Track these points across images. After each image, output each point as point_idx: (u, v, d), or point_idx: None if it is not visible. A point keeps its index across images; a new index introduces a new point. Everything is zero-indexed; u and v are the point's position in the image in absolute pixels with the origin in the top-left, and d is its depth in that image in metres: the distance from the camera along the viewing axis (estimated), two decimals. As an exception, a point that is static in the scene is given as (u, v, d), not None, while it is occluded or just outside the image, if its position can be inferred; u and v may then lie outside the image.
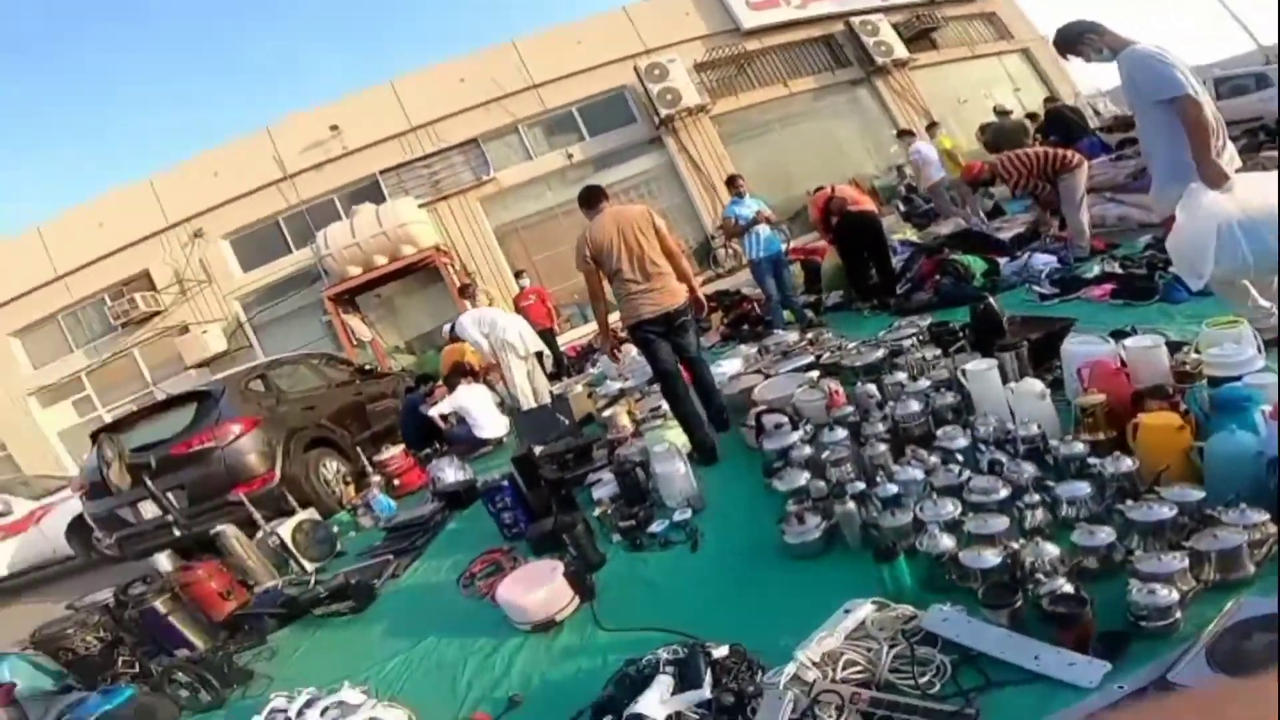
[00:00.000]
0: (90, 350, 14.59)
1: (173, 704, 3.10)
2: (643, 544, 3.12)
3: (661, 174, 15.72)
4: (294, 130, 14.39)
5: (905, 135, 9.89)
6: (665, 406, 4.30)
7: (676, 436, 3.95)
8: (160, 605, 3.74)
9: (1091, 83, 17.67)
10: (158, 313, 14.13)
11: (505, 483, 3.78)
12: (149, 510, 5.36)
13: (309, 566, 4.43)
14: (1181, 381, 2.52)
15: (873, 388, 3.46)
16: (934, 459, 2.60)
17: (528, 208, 15.24)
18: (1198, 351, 2.64)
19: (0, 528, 8.20)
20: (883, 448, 2.74)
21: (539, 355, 7.02)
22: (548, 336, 8.45)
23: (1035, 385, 2.70)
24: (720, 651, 1.91)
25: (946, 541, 2.04)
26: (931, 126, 9.98)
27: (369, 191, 14.25)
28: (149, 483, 5.15)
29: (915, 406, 2.92)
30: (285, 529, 4.56)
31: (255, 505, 4.99)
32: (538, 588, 2.72)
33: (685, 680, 1.84)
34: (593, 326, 11.55)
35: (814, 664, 1.74)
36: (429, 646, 2.92)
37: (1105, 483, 2.09)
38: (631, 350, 6.93)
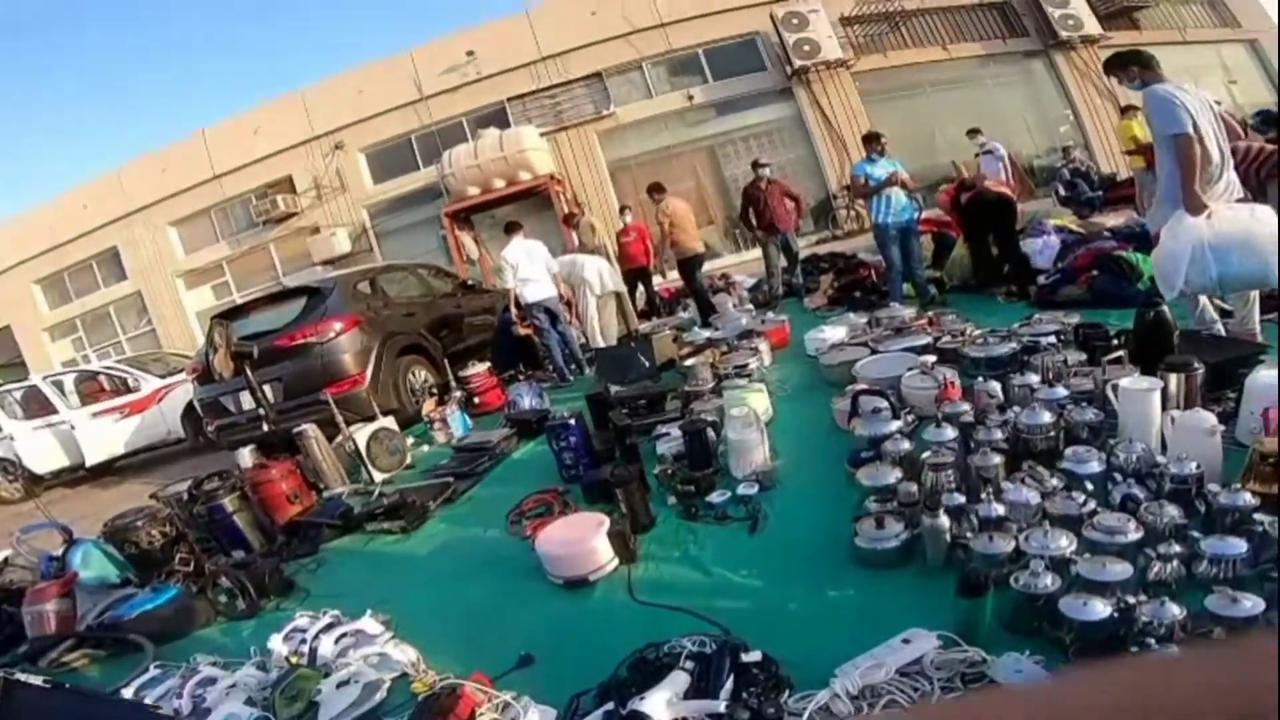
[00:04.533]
0: (233, 241, 16.15)
1: (210, 608, 3.08)
2: (698, 513, 2.86)
3: (787, 125, 15.02)
4: (433, 54, 14.88)
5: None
6: (752, 365, 4.56)
7: (758, 401, 3.62)
8: (229, 503, 3.75)
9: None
10: (294, 214, 15.38)
11: (573, 420, 3.60)
12: (248, 401, 5.42)
13: (377, 477, 4.51)
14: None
15: (996, 386, 3.00)
16: (1055, 482, 2.17)
17: (643, 145, 15.13)
18: None
19: (127, 404, 8.13)
20: (996, 459, 2.31)
21: (618, 294, 6.89)
22: (644, 274, 8.17)
23: (1205, 418, 2.18)
24: (751, 656, 1.68)
25: (1048, 581, 1.68)
26: (1128, 110, 8.39)
27: (496, 117, 14.60)
28: (248, 372, 5.08)
29: (1045, 417, 2.45)
30: (362, 435, 4.60)
31: (341, 406, 5.02)
32: (578, 542, 2.55)
33: (704, 680, 1.61)
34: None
35: (851, 696, 1.50)
36: (461, 584, 2.85)
37: (1265, 545, 1.69)
38: (728, 302, 7.54)
